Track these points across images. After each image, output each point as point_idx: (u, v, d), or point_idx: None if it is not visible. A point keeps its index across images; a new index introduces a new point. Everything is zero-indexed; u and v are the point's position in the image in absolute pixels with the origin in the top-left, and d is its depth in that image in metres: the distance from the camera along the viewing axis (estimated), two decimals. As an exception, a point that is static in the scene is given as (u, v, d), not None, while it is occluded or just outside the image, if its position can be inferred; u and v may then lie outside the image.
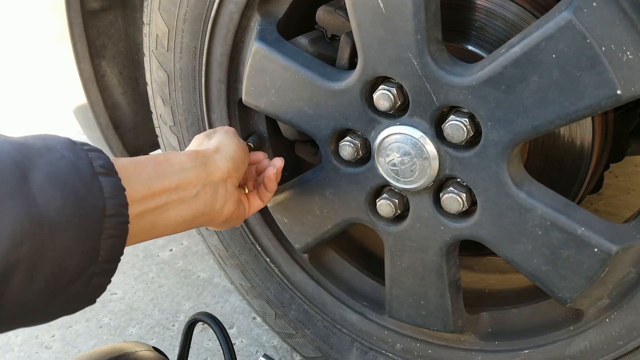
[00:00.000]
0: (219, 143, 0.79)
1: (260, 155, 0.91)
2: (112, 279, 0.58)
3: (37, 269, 0.49)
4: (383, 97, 0.76)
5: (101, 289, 0.57)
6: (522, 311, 0.90)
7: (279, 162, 0.86)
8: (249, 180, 0.88)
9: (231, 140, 0.80)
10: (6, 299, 0.48)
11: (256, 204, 0.87)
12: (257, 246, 1.11)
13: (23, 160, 0.50)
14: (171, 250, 1.70)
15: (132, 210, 0.59)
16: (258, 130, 1.01)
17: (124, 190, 0.57)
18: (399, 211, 0.86)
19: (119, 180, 0.57)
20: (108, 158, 0.57)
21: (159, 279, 1.60)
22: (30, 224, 0.48)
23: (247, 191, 0.86)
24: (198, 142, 0.82)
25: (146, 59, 1.04)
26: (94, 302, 0.58)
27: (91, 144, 0.59)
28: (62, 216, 0.50)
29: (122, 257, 0.58)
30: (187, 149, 0.83)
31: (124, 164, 0.61)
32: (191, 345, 0.99)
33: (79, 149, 0.55)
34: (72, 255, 0.52)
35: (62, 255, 0.51)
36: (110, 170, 0.56)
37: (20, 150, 0.51)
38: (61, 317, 0.56)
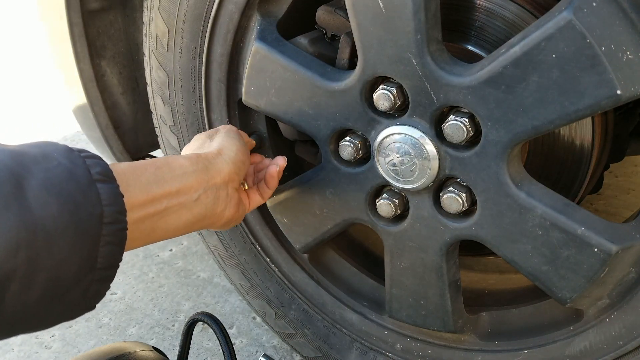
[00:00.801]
0: (220, 145, 0.78)
1: (257, 158, 0.92)
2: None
3: (33, 278, 0.49)
4: (383, 97, 0.76)
5: (100, 295, 0.57)
6: (522, 311, 0.90)
7: (282, 161, 0.87)
8: (248, 176, 0.88)
9: (233, 142, 0.80)
10: (3, 307, 0.48)
11: (256, 200, 0.87)
12: (257, 246, 1.11)
13: (18, 169, 0.50)
14: (171, 250, 1.70)
15: (131, 216, 0.59)
16: (258, 130, 1.01)
17: (122, 196, 0.56)
18: (398, 211, 0.86)
19: (117, 186, 0.56)
20: (106, 164, 0.57)
21: (159, 279, 1.60)
22: (25, 233, 0.48)
23: (246, 187, 0.86)
24: (199, 143, 0.82)
25: (146, 59, 1.04)
26: (93, 308, 0.57)
27: (92, 144, 0.59)
28: (58, 224, 0.50)
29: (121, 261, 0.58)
30: (186, 148, 0.83)
31: (122, 169, 0.60)
32: (191, 345, 0.99)
33: (75, 156, 0.55)
34: (69, 263, 0.51)
35: (58, 263, 0.50)
36: (108, 177, 0.56)
37: (16, 159, 0.51)
38: (60, 323, 0.56)
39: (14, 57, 3.34)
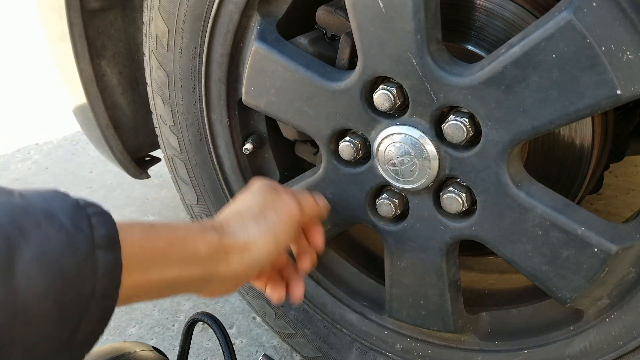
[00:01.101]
0: (256, 237, 0.68)
1: (283, 260, 0.84)
2: None
3: (4, 358, 0.45)
4: (383, 97, 0.76)
5: None
6: (522, 311, 0.90)
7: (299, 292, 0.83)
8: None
9: (273, 239, 0.70)
10: None
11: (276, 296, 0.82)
12: (257, 246, 1.10)
13: (14, 234, 0.45)
14: (171, 250, 1.70)
15: (119, 293, 0.53)
16: (258, 130, 1.01)
17: (121, 268, 0.51)
18: (398, 211, 0.85)
19: (119, 255, 0.51)
20: (114, 225, 0.51)
21: (159, 279, 1.59)
22: (3, 315, 0.43)
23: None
24: (259, 200, 0.73)
25: (146, 59, 1.04)
26: None
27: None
28: (42, 306, 0.45)
29: None
30: (239, 199, 0.75)
31: (130, 241, 0.54)
32: (191, 345, 0.99)
33: (81, 217, 0.50)
34: (45, 344, 0.47)
35: (34, 345, 0.46)
36: (111, 242, 0.51)
37: (15, 218, 0.46)
38: None
39: (14, 56, 3.34)
